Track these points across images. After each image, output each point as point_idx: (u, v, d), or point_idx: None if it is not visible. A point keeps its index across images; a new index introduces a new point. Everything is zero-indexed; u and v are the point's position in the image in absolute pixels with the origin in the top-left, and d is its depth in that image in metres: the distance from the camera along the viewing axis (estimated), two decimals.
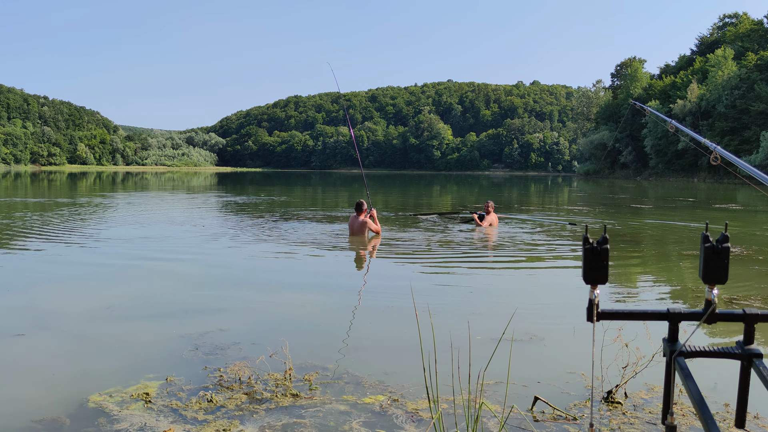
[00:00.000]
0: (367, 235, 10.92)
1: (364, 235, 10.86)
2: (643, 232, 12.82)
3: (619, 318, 1.35)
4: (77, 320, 5.14)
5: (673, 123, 4.31)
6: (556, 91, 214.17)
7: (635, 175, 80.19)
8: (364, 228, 10.86)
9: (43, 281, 6.92)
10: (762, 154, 57.35)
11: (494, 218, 13.05)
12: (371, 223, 10.93)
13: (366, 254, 9.40)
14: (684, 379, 1.28)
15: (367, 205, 11.14)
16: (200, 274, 7.58)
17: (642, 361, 3.59)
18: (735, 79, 66.94)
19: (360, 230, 10.85)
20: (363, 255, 9.36)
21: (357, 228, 10.87)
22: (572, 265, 8.29)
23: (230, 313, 5.42)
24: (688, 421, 3.13)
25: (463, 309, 5.58)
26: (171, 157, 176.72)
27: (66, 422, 3.07)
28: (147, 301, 5.93)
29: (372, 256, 9.25)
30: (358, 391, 3.51)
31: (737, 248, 9.69)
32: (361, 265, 8.71)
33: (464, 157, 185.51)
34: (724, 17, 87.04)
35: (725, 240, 1.27)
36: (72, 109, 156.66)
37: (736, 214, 19.05)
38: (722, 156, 2.89)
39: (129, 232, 12.09)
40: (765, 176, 2.21)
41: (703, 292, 5.11)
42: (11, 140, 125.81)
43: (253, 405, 3.29)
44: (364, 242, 10.42)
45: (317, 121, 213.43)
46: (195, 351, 4.23)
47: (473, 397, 3.20)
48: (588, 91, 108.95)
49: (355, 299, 6.26)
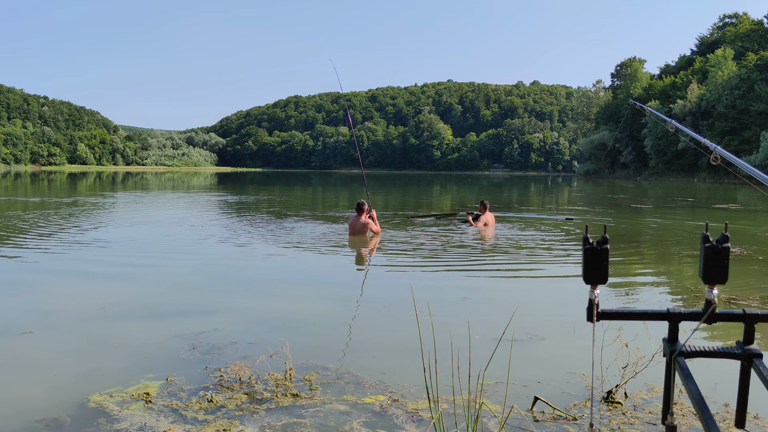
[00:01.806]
0: (368, 235, 10.94)
1: (366, 235, 10.88)
2: (643, 232, 12.82)
3: (619, 318, 1.35)
4: (78, 320, 5.14)
5: (673, 123, 4.32)
6: (556, 91, 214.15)
7: (635, 175, 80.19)
8: (365, 228, 10.88)
9: (43, 281, 6.92)
10: (762, 154, 57.33)
11: (490, 218, 13.05)
12: (372, 224, 10.94)
13: (366, 254, 9.41)
14: (684, 379, 1.28)
15: (367, 205, 11.16)
16: (200, 274, 7.58)
17: (642, 361, 3.59)
18: (735, 79, 66.94)
19: (361, 230, 10.86)
20: (363, 255, 9.36)
21: (359, 228, 10.88)
22: (572, 265, 8.29)
23: (231, 313, 5.42)
24: (688, 421, 3.13)
25: (463, 309, 5.58)
26: (171, 157, 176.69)
27: (66, 422, 3.07)
28: (147, 301, 5.93)
29: (372, 256, 9.25)
30: (359, 391, 3.51)
31: (737, 248, 9.69)
32: (361, 265, 8.71)
33: (464, 157, 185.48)
34: (724, 17, 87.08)
35: (725, 240, 1.27)
36: (72, 109, 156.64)
37: (736, 214, 19.05)
38: (722, 156, 2.89)
39: (129, 231, 12.09)
40: (765, 176, 2.21)
41: (703, 292, 5.09)
42: (11, 140, 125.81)
43: (253, 405, 3.29)
44: (366, 242, 10.43)
45: (317, 121, 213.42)
46: (195, 351, 4.23)
47: (473, 397, 3.20)
48: (588, 91, 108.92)
49: (355, 299, 6.26)
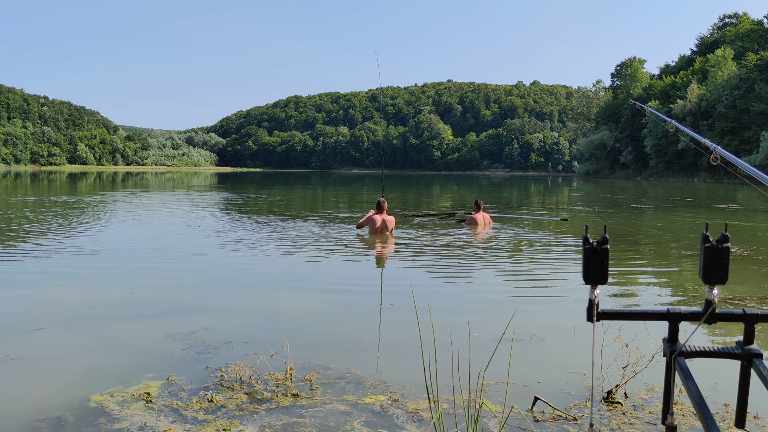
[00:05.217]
0: (387, 233, 11.05)
1: (386, 233, 10.95)
2: (643, 232, 12.82)
3: (619, 318, 1.35)
4: (79, 320, 5.14)
5: (673, 123, 4.32)
6: (556, 91, 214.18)
7: (635, 175, 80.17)
8: (386, 227, 10.95)
9: (43, 281, 6.92)
10: (762, 154, 57.34)
11: (484, 217, 13.05)
12: (393, 222, 11.11)
13: (367, 254, 9.41)
14: (684, 379, 1.28)
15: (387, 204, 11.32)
16: (200, 273, 7.58)
17: (642, 361, 3.59)
18: (735, 79, 66.94)
19: (383, 229, 10.91)
20: (364, 255, 9.36)
21: (380, 227, 10.91)
22: (572, 265, 8.29)
23: (231, 313, 5.43)
24: (688, 421, 3.13)
25: (463, 309, 5.58)
26: (171, 157, 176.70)
27: (68, 421, 3.07)
28: (148, 301, 5.93)
29: (379, 255, 9.27)
30: (359, 391, 3.51)
31: (737, 248, 9.69)
32: (361, 264, 8.71)
33: (464, 157, 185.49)
34: (724, 17, 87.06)
35: (725, 240, 1.28)
36: (72, 109, 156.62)
37: (736, 214, 19.05)
38: (722, 156, 2.90)
39: (130, 231, 12.09)
40: (765, 176, 2.21)
41: (703, 292, 5.10)
42: (11, 140, 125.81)
43: (253, 405, 3.29)
44: (387, 240, 10.55)
45: (317, 121, 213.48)
46: (196, 351, 4.23)
47: (473, 397, 3.21)
48: (588, 91, 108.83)
49: (355, 299, 6.26)
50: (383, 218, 10.93)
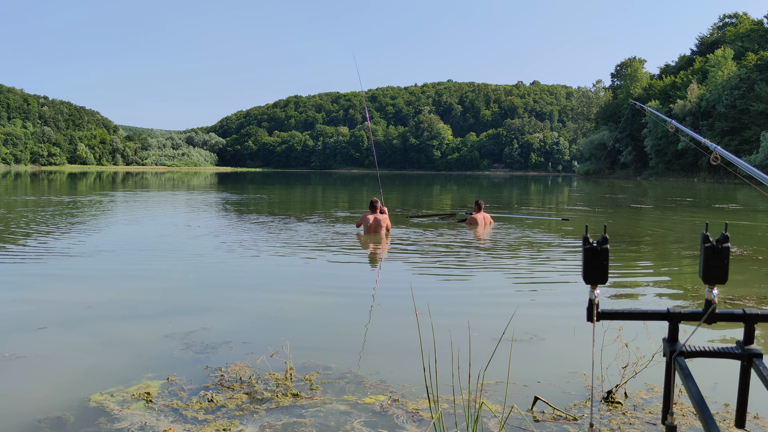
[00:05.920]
0: (383, 233, 11.05)
1: (380, 233, 10.99)
2: (643, 232, 12.82)
3: (619, 318, 1.35)
4: (78, 320, 5.14)
5: (673, 123, 4.33)
6: (556, 91, 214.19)
7: (635, 175, 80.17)
8: (380, 226, 10.99)
9: (43, 281, 6.92)
10: (762, 154, 57.34)
11: (485, 217, 13.05)
12: (388, 221, 11.13)
13: (367, 254, 9.41)
14: (684, 379, 1.28)
15: (380, 202, 11.34)
16: (201, 273, 7.58)
17: (642, 361, 3.59)
18: (735, 79, 66.93)
19: (377, 228, 10.96)
20: (364, 255, 9.36)
21: (374, 226, 10.96)
22: (572, 265, 8.29)
23: (231, 313, 5.43)
24: (688, 421, 3.13)
25: (463, 309, 5.58)
26: (171, 157, 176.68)
27: (68, 421, 3.07)
28: (148, 301, 5.93)
29: (384, 254, 9.28)
30: (359, 391, 3.51)
31: (737, 248, 9.69)
32: (361, 265, 8.71)
33: (464, 157, 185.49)
34: (724, 17, 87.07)
35: (725, 240, 1.28)
36: (72, 109, 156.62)
37: (736, 214, 19.05)
38: (722, 156, 2.90)
39: (130, 231, 12.09)
40: (765, 176, 2.21)
41: (703, 292, 5.08)
42: (11, 140, 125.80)
43: (253, 405, 3.29)
44: (380, 240, 10.56)
45: (317, 121, 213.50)
46: (196, 351, 4.23)
47: (473, 397, 3.21)
48: (588, 91, 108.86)
49: (355, 299, 6.26)
50: (376, 217, 11.03)
